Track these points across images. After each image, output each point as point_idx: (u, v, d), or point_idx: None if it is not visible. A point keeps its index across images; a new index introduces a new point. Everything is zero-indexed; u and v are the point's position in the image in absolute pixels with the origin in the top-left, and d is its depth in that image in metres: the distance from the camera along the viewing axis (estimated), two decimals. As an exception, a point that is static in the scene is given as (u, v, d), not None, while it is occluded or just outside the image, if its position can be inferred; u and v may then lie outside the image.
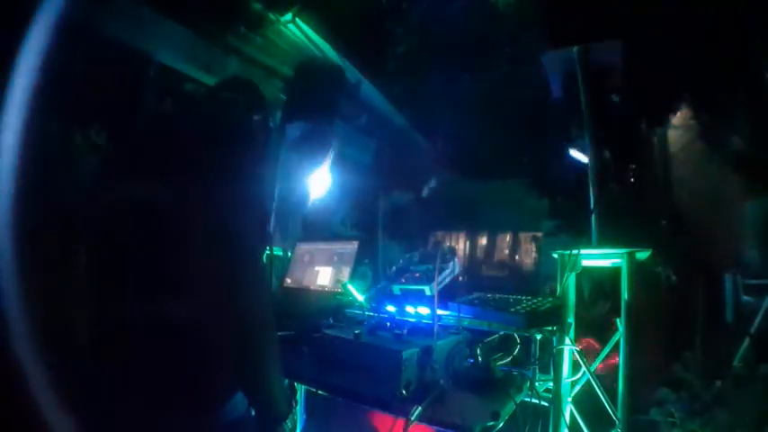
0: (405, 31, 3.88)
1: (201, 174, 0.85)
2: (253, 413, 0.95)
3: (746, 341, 2.85)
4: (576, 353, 1.69)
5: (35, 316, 0.89)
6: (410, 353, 1.34)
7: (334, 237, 2.82)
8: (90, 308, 0.92)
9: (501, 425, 1.24)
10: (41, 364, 0.84)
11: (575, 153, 2.00)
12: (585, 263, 1.76)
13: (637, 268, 1.67)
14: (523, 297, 1.77)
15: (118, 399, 0.86)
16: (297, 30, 3.13)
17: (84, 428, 0.81)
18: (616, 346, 1.70)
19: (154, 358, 0.84)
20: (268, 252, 2.05)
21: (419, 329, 1.62)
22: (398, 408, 1.25)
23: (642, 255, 1.70)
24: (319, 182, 2.54)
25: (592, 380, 1.68)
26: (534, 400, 1.60)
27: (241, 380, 0.89)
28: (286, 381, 2.29)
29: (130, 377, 0.85)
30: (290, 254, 2.59)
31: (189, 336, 0.84)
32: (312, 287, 2.31)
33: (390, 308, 1.84)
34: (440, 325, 1.54)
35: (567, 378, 1.70)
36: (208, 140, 0.91)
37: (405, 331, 1.58)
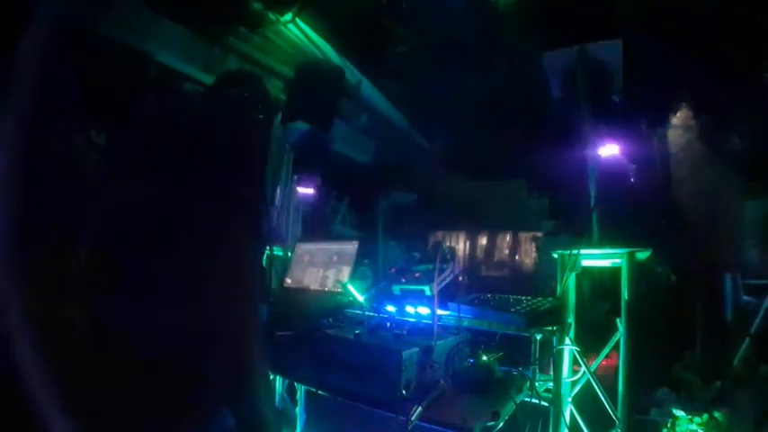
0: (405, 31, 3.88)
1: (195, 176, 0.85)
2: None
3: (746, 341, 2.85)
4: (576, 353, 1.69)
5: (33, 316, 0.88)
6: (410, 353, 1.34)
7: (334, 237, 2.83)
8: (85, 310, 0.92)
9: (501, 425, 1.24)
10: (37, 365, 0.84)
11: (575, 153, 2.00)
12: (585, 263, 1.75)
13: (637, 268, 1.67)
14: (523, 297, 1.77)
15: (107, 402, 0.85)
16: (297, 30, 3.13)
17: (79, 430, 0.81)
18: (616, 345, 1.70)
19: (141, 364, 0.84)
20: (268, 252, 2.06)
21: (419, 329, 1.62)
22: (398, 408, 1.25)
23: (642, 255, 1.70)
24: (318, 181, 2.53)
25: (592, 380, 1.68)
26: (534, 400, 1.60)
27: (227, 391, 0.87)
28: (286, 381, 2.29)
29: (118, 383, 0.85)
30: (290, 254, 2.59)
31: (175, 342, 0.83)
32: (312, 287, 2.31)
33: (390, 308, 1.84)
34: (440, 325, 1.54)
35: (567, 378, 1.70)
36: (204, 143, 0.91)
37: (405, 331, 1.58)
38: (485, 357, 1.47)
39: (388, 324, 1.67)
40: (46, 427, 0.79)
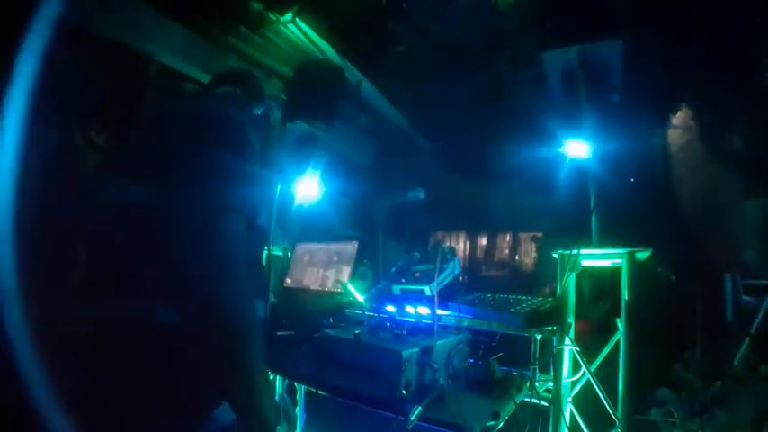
0: (405, 31, 3.88)
1: (191, 175, 0.85)
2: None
3: (746, 341, 2.85)
4: (576, 353, 1.69)
5: (34, 315, 0.89)
6: (410, 353, 1.34)
7: (334, 237, 2.83)
8: (85, 308, 0.92)
9: (501, 425, 1.24)
10: (38, 363, 0.84)
11: (574, 153, 2.00)
12: (585, 263, 1.75)
13: (637, 268, 1.67)
14: (523, 297, 1.77)
15: (107, 400, 0.85)
16: (297, 30, 3.12)
17: (74, 428, 0.81)
18: (616, 345, 1.70)
19: (141, 361, 0.84)
20: (267, 252, 2.06)
21: (419, 329, 1.62)
22: (398, 408, 1.25)
23: (642, 255, 1.70)
24: (318, 181, 2.53)
25: (592, 380, 1.68)
26: (534, 400, 1.60)
27: (227, 387, 0.88)
28: (286, 381, 2.29)
29: (119, 379, 0.85)
30: (290, 254, 2.59)
31: (175, 338, 0.83)
32: (312, 287, 2.31)
33: (390, 308, 1.84)
34: (440, 325, 1.54)
35: (567, 378, 1.70)
36: (200, 143, 0.91)
37: (405, 331, 1.58)
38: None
39: (388, 324, 1.67)
40: (42, 424, 0.79)
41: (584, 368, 1.68)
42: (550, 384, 1.71)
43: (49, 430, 0.82)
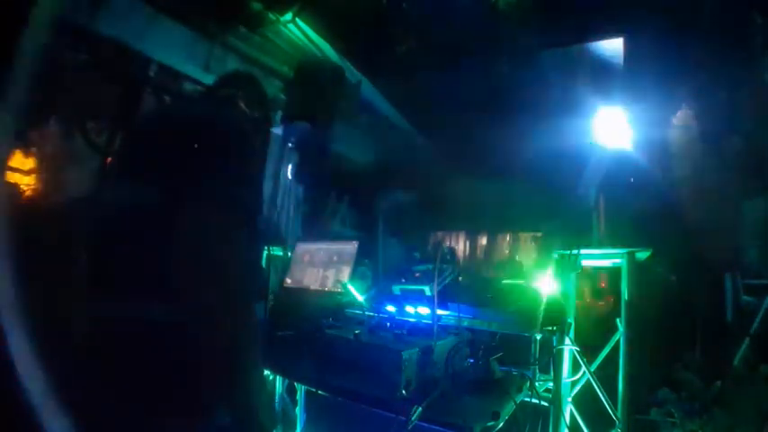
0: (405, 31, 3.87)
1: (191, 176, 0.85)
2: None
3: (746, 341, 2.85)
4: (576, 353, 1.69)
5: (33, 316, 0.89)
6: (410, 353, 1.34)
7: (334, 237, 2.83)
8: (85, 308, 0.92)
9: (501, 425, 1.24)
10: (37, 364, 0.84)
11: (576, 153, 2.00)
12: (585, 263, 1.76)
13: (637, 268, 1.67)
14: (523, 297, 1.76)
15: (105, 400, 0.85)
16: (297, 30, 3.12)
17: (75, 428, 0.81)
18: (616, 345, 1.70)
19: (140, 361, 0.84)
20: (267, 252, 2.06)
21: (419, 329, 1.62)
22: (398, 408, 1.25)
23: (642, 255, 1.70)
24: (318, 181, 2.53)
25: (592, 380, 1.68)
26: (534, 400, 1.60)
27: (224, 388, 0.88)
28: (286, 381, 2.29)
29: (117, 379, 0.85)
30: (289, 254, 2.59)
31: (174, 338, 0.83)
32: (312, 287, 2.30)
33: (390, 308, 1.84)
34: (440, 325, 1.54)
35: (567, 378, 1.70)
36: (200, 143, 0.91)
37: (405, 331, 1.58)
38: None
39: (388, 324, 1.67)
40: (39, 425, 0.79)
41: (584, 368, 1.69)
42: (550, 384, 1.71)
43: (48, 430, 0.82)
